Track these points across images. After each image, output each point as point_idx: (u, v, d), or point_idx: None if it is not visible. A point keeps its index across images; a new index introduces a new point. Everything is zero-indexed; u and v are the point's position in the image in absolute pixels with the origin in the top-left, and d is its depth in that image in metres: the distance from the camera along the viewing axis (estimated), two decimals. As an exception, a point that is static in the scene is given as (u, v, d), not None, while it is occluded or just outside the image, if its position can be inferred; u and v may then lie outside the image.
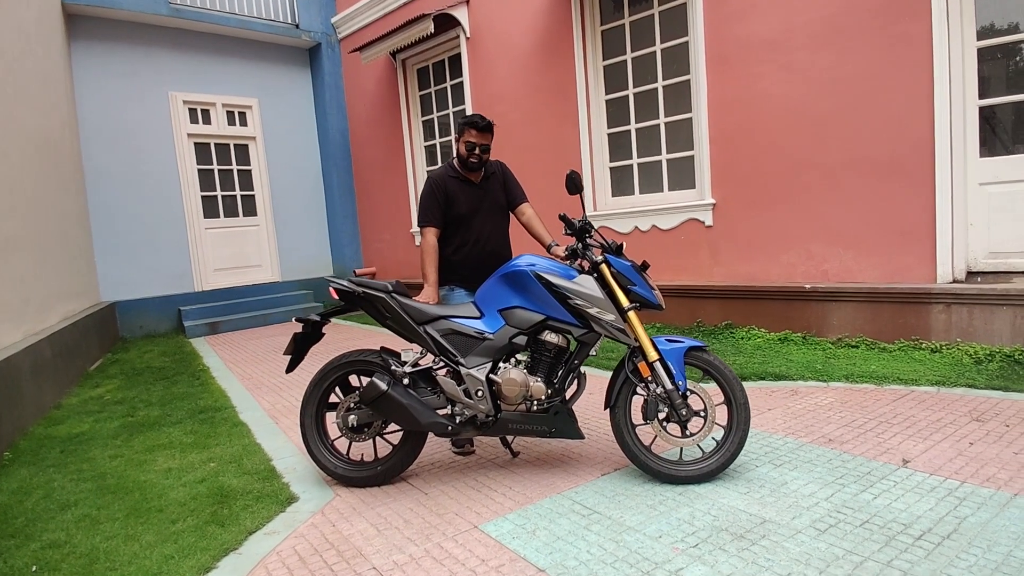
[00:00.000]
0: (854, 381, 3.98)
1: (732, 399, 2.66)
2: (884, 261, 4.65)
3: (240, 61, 9.33)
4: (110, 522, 2.69)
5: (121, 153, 8.25)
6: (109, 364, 6.47)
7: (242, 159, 9.50)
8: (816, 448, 2.96)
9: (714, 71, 5.50)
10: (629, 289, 2.72)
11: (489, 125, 3.13)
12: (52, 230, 5.82)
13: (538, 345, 2.78)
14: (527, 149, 7.20)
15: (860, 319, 4.73)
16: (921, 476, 2.57)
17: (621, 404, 2.73)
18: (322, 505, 2.74)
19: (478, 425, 2.79)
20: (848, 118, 4.73)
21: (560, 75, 6.71)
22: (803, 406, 3.60)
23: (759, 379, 4.22)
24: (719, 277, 5.72)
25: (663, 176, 6.17)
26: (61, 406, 4.75)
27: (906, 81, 4.42)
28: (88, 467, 3.39)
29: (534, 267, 2.76)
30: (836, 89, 4.76)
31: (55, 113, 6.43)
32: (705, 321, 5.73)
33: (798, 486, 2.57)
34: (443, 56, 8.39)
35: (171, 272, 8.76)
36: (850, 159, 4.75)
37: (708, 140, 5.61)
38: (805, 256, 5.13)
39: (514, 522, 2.44)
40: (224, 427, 4.00)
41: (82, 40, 7.85)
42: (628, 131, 6.40)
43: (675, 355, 2.66)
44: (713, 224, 5.70)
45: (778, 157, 5.18)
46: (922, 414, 3.28)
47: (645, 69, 6.17)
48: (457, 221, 3.17)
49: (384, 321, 2.89)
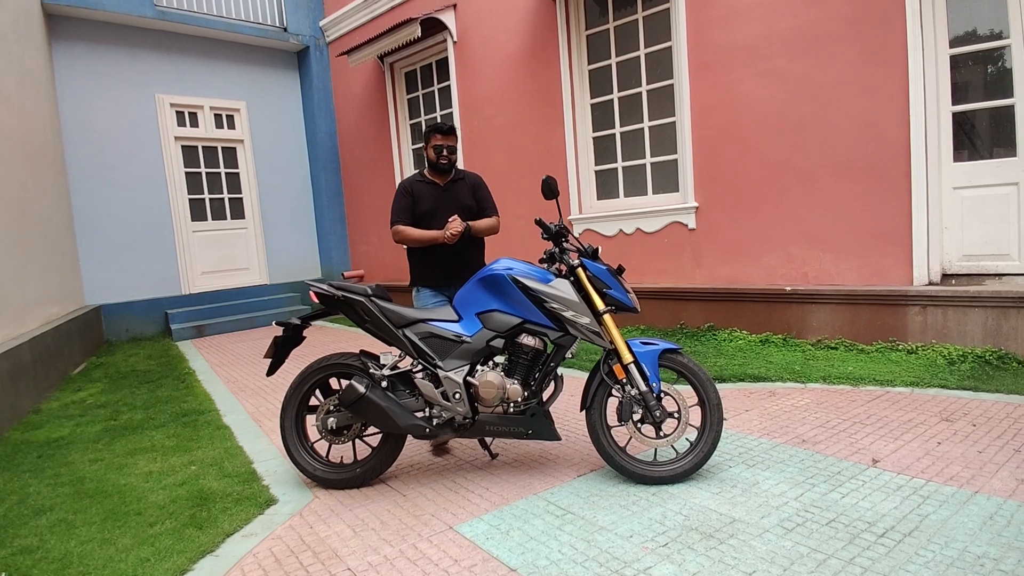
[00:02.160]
0: (831, 382, 4.04)
1: (705, 400, 2.70)
2: (863, 263, 4.72)
3: (228, 64, 9.32)
4: (86, 526, 2.70)
5: (107, 156, 8.22)
6: (93, 368, 6.45)
7: (230, 162, 9.49)
8: (790, 448, 3.01)
9: (697, 76, 5.56)
10: (605, 292, 2.76)
11: (452, 128, 3.35)
12: (32, 234, 5.79)
13: (515, 348, 2.82)
14: (514, 152, 7.24)
15: (839, 321, 4.80)
16: (889, 475, 2.62)
17: (596, 406, 2.77)
18: (300, 507, 2.76)
19: (456, 427, 2.82)
20: (826, 123, 4.80)
21: (546, 79, 6.75)
22: (780, 407, 3.65)
23: (738, 380, 4.28)
24: (701, 279, 5.78)
25: (647, 179, 6.22)
26: (40, 410, 4.73)
27: (882, 87, 4.49)
28: (66, 471, 3.39)
29: (511, 271, 2.80)
30: (814, 95, 4.83)
31: (36, 115, 6.41)
32: (688, 323, 5.79)
33: (769, 486, 2.62)
34: (431, 60, 8.42)
35: (158, 275, 8.73)
36: (829, 163, 4.82)
37: (691, 144, 5.67)
38: (785, 258, 5.20)
39: (489, 523, 2.47)
40: (207, 430, 4.01)
41: (63, 41, 7.81)
42: (613, 135, 6.45)
43: (649, 357, 2.71)
44: (696, 227, 5.76)
45: (759, 161, 5.25)
46: (895, 415, 3.34)
47: (630, 73, 6.23)
48: (421, 219, 3.28)
49: (363, 324, 2.92)
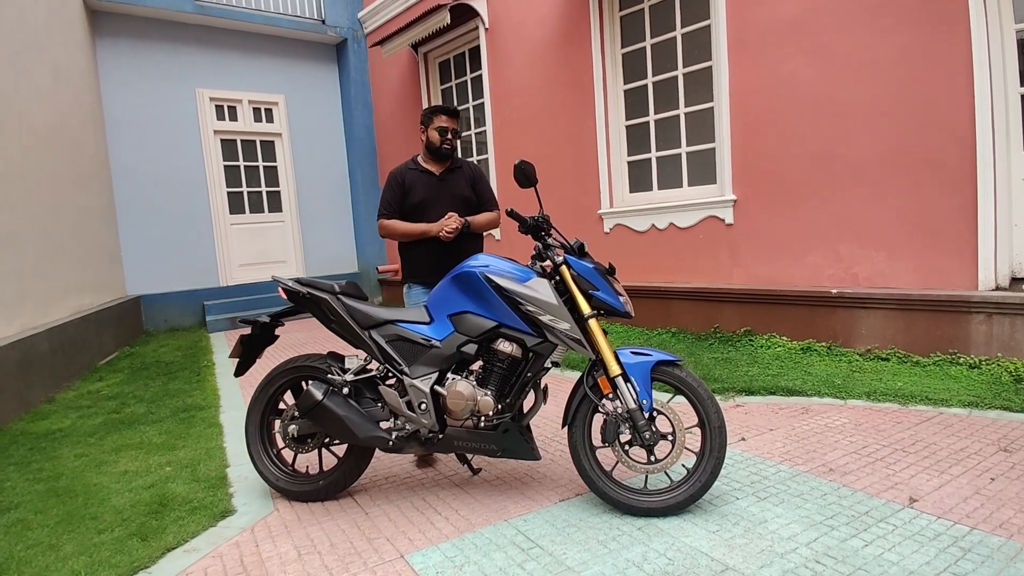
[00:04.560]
0: (876, 399, 3.54)
1: (706, 422, 2.32)
2: (920, 265, 4.16)
3: (267, 57, 9.37)
4: (40, 528, 2.58)
5: (148, 150, 8.39)
6: (123, 357, 6.55)
7: (268, 155, 9.55)
8: (812, 479, 2.59)
9: (736, 56, 5.08)
10: (591, 294, 2.42)
11: (457, 111, 3.04)
12: (65, 226, 5.89)
13: (491, 355, 2.51)
14: (544, 143, 6.91)
15: (892, 329, 4.25)
16: (926, 519, 2.17)
17: (579, 423, 2.44)
18: (255, 521, 2.56)
19: (423, 441, 2.54)
20: (879, 106, 4.24)
21: (577, 65, 6.38)
22: (811, 427, 3.20)
23: (769, 393, 3.83)
24: (739, 279, 5.29)
25: (683, 170, 5.77)
26: (55, 400, 4.77)
27: (942, 64, 3.91)
28: (50, 466, 3.33)
29: (487, 268, 2.50)
30: (865, 74, 4.28)
31: (74, 109, 6.54)
32: (722, 327, 5.31)
33: (778, 526, 2.22)
34: (463, 48, 8.18)
35: (197, 267, 8.87)
36: (882, 151, 4.27)
37: (729, 131, 5.19)
38: (832, 258, 4.66)
39: (445, 553, 2.18)
40: (199, 427, 3.89)
41: (108, 37, 8.00)
42: (647, 123, 6.02)
43: (640, 370, 2.35)
44: (734, 222, 5.27)
45: (804, 150, 4.73)
46: (945, 441, 2.85)
47: (665, 56, 5.78)
48: (413, 212, 3.01)
49: (329, 324, 2.68)
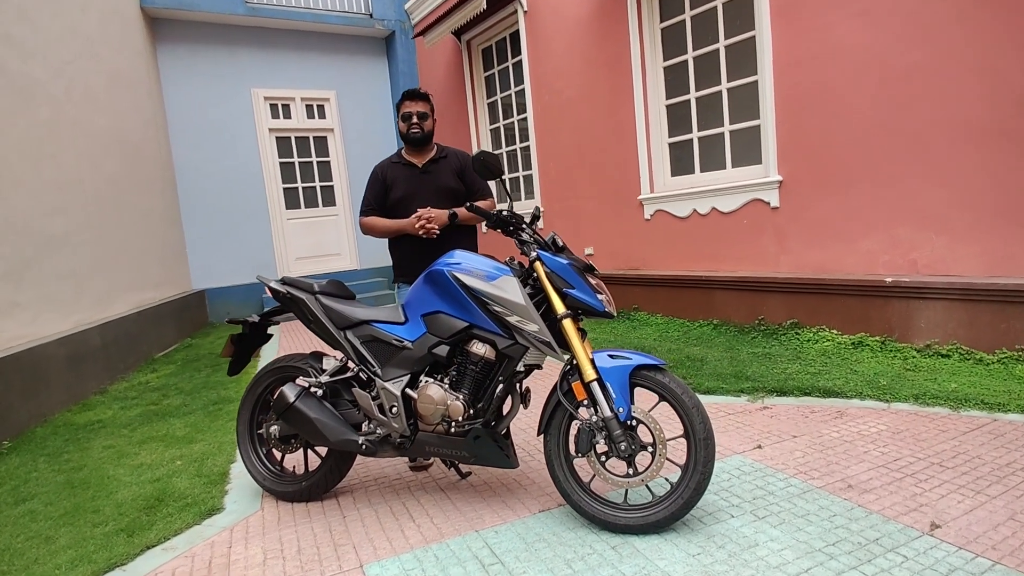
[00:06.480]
0: (924, 402, 3.15)
1: (691, 432, 2.10)
2: (986, 250, 3.66)
3: (317, 54, 9.56)
4: (45, 520, 2.70)
5: (208, 150, 8.78)
6: (181, 349, 6.90)
7: (321, 151, 9.78)
8: (825, 496, 2.31)
9: (780, 24, 4.64)
10: (566, 293, 2.24)
11: (424, 94, 2.93)
12: (123, 226, 6.24)
13: (464, 357, 2.39)
14: (582, 128, 6.66)
15: (953, 321, 3.77)
16: (945, 550, 1.87)
17: (554, 431, 2.28)
18: (238, 520, 2.56)
19: (395, 445, 2.46)
20: (940, 72, 3.75)
21: (615, 42, 6.08)
22: (841, 435, 2.88)
23: (803, 394, 3.49)
24: (785, 267, 4.89)
25: (726, 151, 5.38)
26: (106, 391, 5.07)
27: (1013, 23, 3.39)
28: (76, 458, 3.51)
29: (457, 266, 2.36)
30: (925, 37, 3.79)
31: (132, 114, 6.90)
32: (767, 318, 4.93)
33: (769, 552, 1.98)
34: (504, 34, 8.01)
35: (256, 261, 9.24)
36: (943, 122, 3.78)
37: (774, 106, 4.77)
38: (889, 242, 4.20)
39: (403, 566, 2.09)
40: (221, 421, 4.00)
41: (167, 43, 8.39)
42: (687, 101, 5.66)
43: (617, 375, 2.15)
44: (779, 205, 4.86)
45: (855, 123, 4.27)
46: (991, 455, 2.47)
47: (706, 28, 5.39)
48: (396, 207, 2.91)
49: (308, 324, 2.64)
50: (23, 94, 4.64)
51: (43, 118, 4.89)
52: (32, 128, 4.71)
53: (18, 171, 4.45)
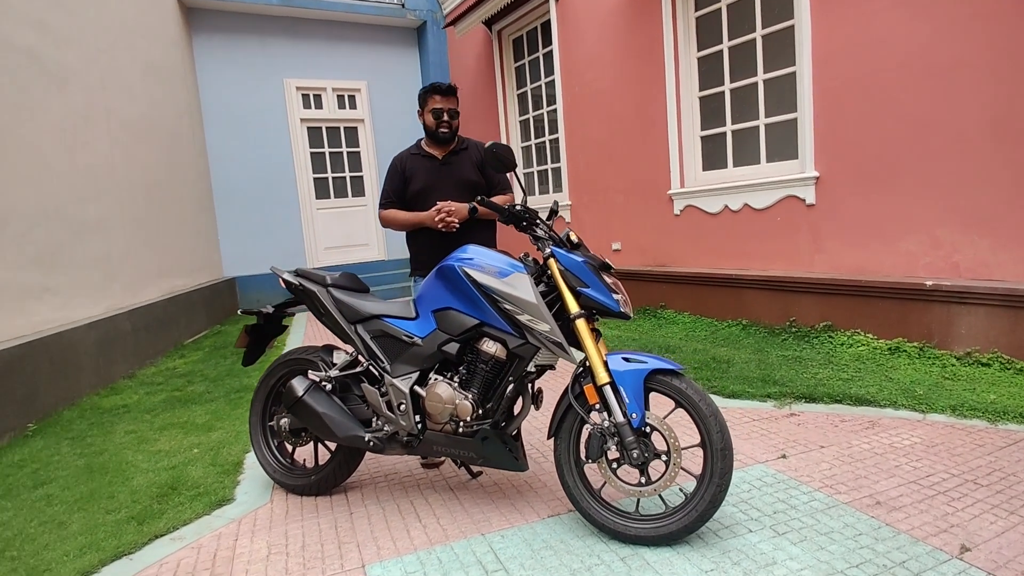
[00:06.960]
0: (961, 414, 2.97)
1: (708, 442, 2.00)
2: (1038, 253, 3.44)
3: (349, 45, 9.58)
4: (61, 505, 2.74)
5: (241, 139, 8.89)
6: (209, 336, 7.02)
7: (351, 141, 9.82)
8: (852, 513, 2.18)
9: (820, 12, 4.44)
10: (580, 291, 2.15)
11: (452, 88, 2.81)
12: (156, 213, 6.35)
13: (475, 355, 2.32)
14: (613, 119, 6.52)
15: (996, 329, 3.56)
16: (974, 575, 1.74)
17: (565, 435, 2.20)
18: (247, 512, 2.55)
19: (403, 443, 2.41)
20: (986, 65, 3.52)
21: (648, 31, 5.92)
22: (871, 446, 2.74)
23: (834, 402, 3.34)
24: (820, 267, 4.69)
25: (760, 145, 5.19)
26: (135, 376, 5.17)
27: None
28: (99, 442, 3.56)
29: (469, 262, 2.30)
30: (970, 27, 3.56)
31: (167, 104, 7.00)
32: (799, 320, 4.75)
33: (788, 571, 1.87)
34: (535, 24, 7.88)
35: (286, 250, 9.34)
36: (991, 119, 3.55)
37: (811, 99, 4.57)
38: (930, 243, 3.99)
39: (405, 568, 2.04)
40: (241, 409, 4.03)
41: (203, 33, 8.50)
42: (721, 92, 5.47)
43: (631, 378, 2.06)
44: (815, 202, 4.67)
45: (897, 119, 4.05)
46: (1037, 478, 2.31)
47: (742, 16, 5.20)
48: (415, 200, 2.85)
49: (320, 318, 2.61)
50: (57, 81, 4.73)
51: (77, 105, 4.98)
52: (66, 115, 4.80)
53: (51, 158, 4.53)
